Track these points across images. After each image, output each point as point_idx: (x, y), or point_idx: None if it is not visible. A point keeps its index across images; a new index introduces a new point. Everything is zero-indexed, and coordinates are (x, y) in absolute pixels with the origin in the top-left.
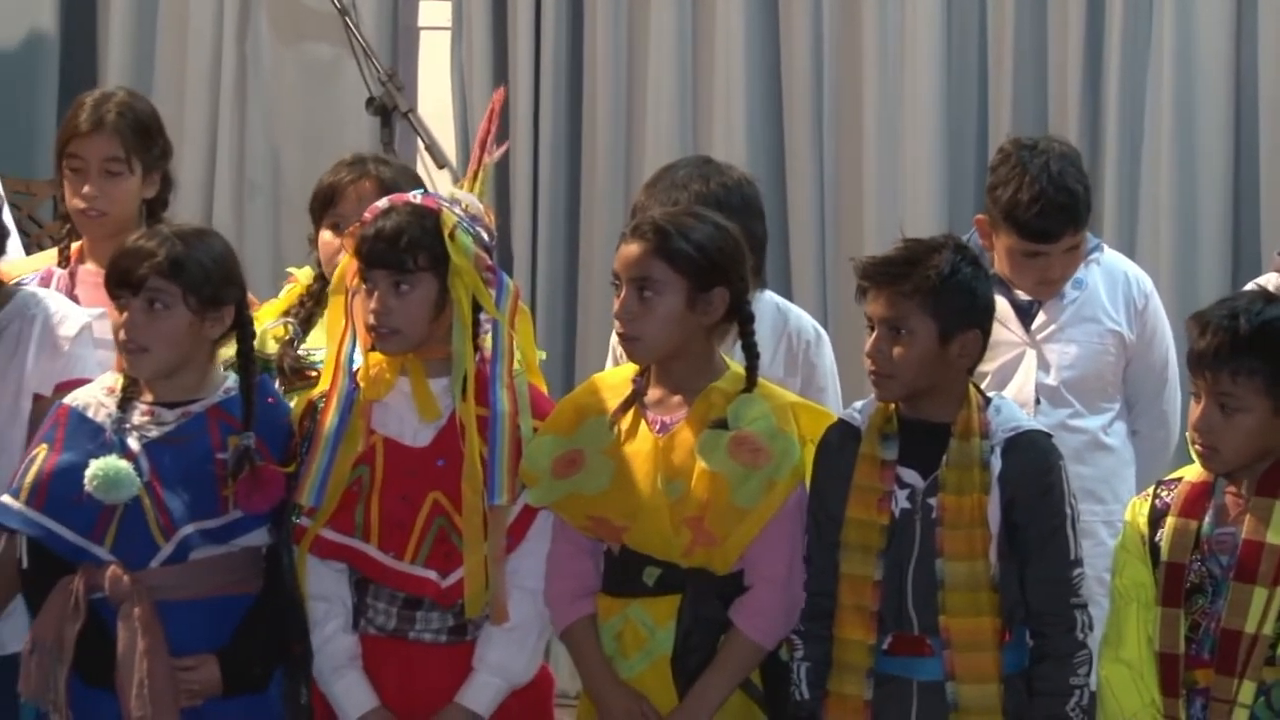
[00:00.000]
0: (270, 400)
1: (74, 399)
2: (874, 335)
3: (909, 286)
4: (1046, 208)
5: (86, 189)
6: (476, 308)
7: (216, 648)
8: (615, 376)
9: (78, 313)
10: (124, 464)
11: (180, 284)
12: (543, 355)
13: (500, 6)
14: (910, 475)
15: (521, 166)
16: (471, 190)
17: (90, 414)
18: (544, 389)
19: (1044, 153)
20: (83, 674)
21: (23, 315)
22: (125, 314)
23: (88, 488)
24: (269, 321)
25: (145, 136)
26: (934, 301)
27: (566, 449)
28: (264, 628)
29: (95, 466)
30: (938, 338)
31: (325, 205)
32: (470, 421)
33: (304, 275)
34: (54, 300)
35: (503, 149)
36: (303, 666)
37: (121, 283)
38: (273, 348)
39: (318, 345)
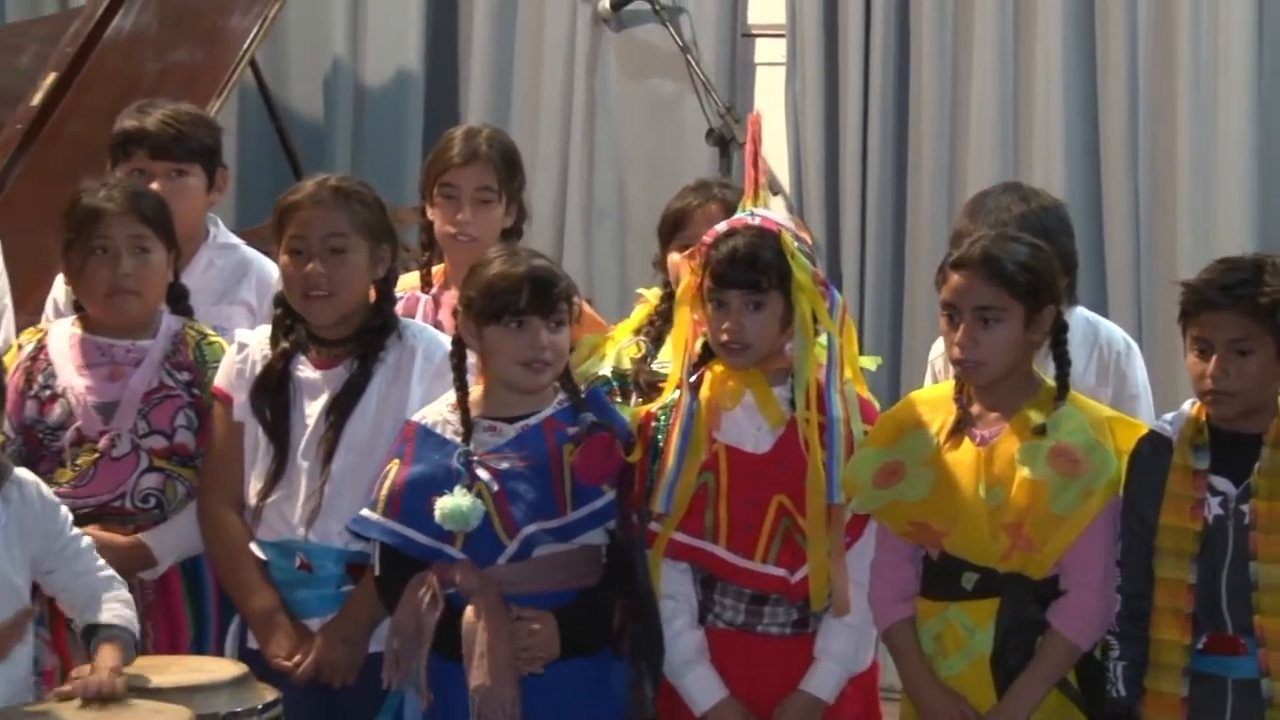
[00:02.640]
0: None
1: (421, 416)
2: (1215, 357)
3: (1251, 306)
4: None
5: (460, 216)
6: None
7: None
8: (932, 393)
9: (449, 343)
10: (466, 500)
11: (570, 305)
12: (879, 361)
13: (832, 44)
14: (1222, 483)
15: (851, 190)
16: (755, 205)
17: (437, 430)
18: (867, 395)
19: None
20: (439, 651)
21: (404, 343)
22: (541, 333)
23: (439, 521)
24: (623, 340)
25: (512, 168)
26: (1273, 320)
27: (887, 460)
28: (601, 597)
29: (443, 507)
30: (1276, 354)
31: (674, 228)
32: (812, 427)
33: (653, 295)
34: (429, 330)
35: (767, 168)
36: (654, 661)
37: (543, 305)
38: (627, 364)
39: (669, 360)
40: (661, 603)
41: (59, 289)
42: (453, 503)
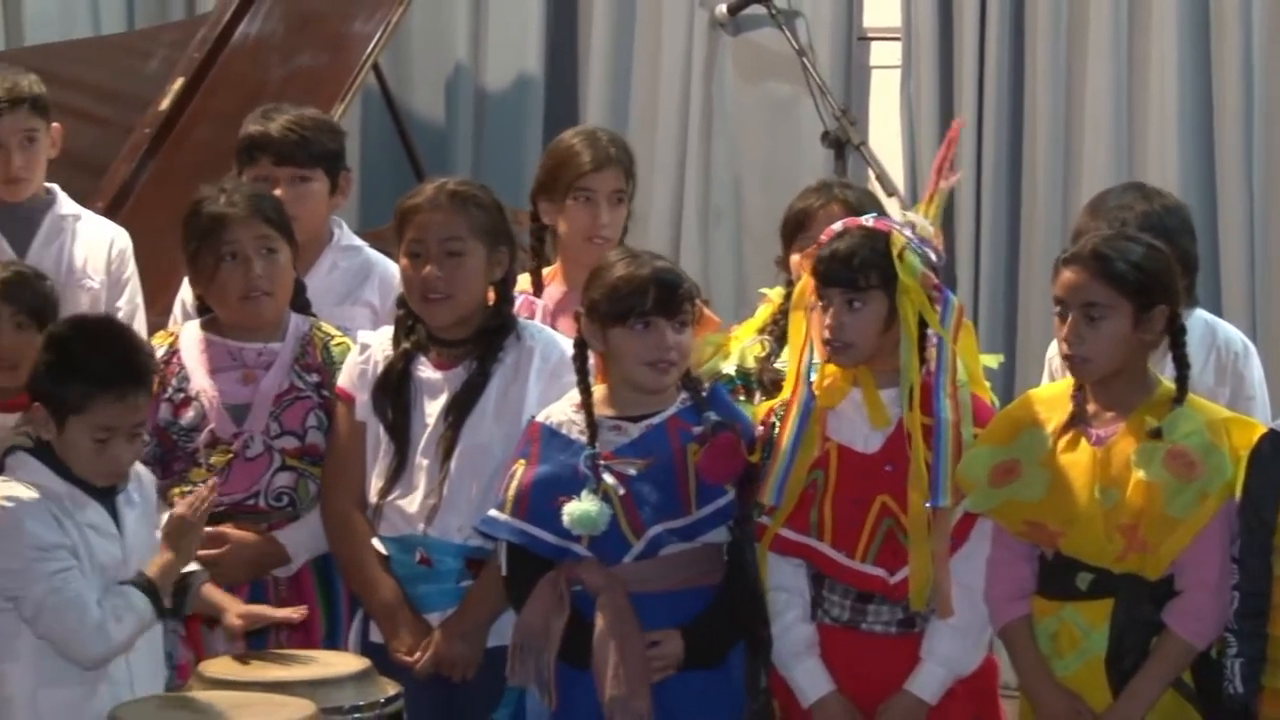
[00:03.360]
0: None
1: (546, 416)
2: None
3: None
4: None
5: (600, 219)
6: (924, 323)
7: None
8: (1049, 391)
9: (565, 343)
10: (595, 506)
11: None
12: (1001, 358)
13: (946, 47)
14: None
15: (965, 191)
16: (926, 213)
17: (562, 430)
18: (989, 399)
19: None
20: (565, 658)
21: (522, 344)
22: (666, 333)
23: (567, 526)
24: (747, 338)
25: (633, 170)
26: None
27: (1003, 459)
28: (724, 610)
29: (571, 513)
30: None
31: (796, 229)
32: (916, 429)
33: (776, 295)
34: (547, 330)
35: (956, 177)
36: (763, 651)
37: (667, 306)
38: (751, 363)
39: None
40: (773, 595)
41: (186, 291)
42: (581, 508)
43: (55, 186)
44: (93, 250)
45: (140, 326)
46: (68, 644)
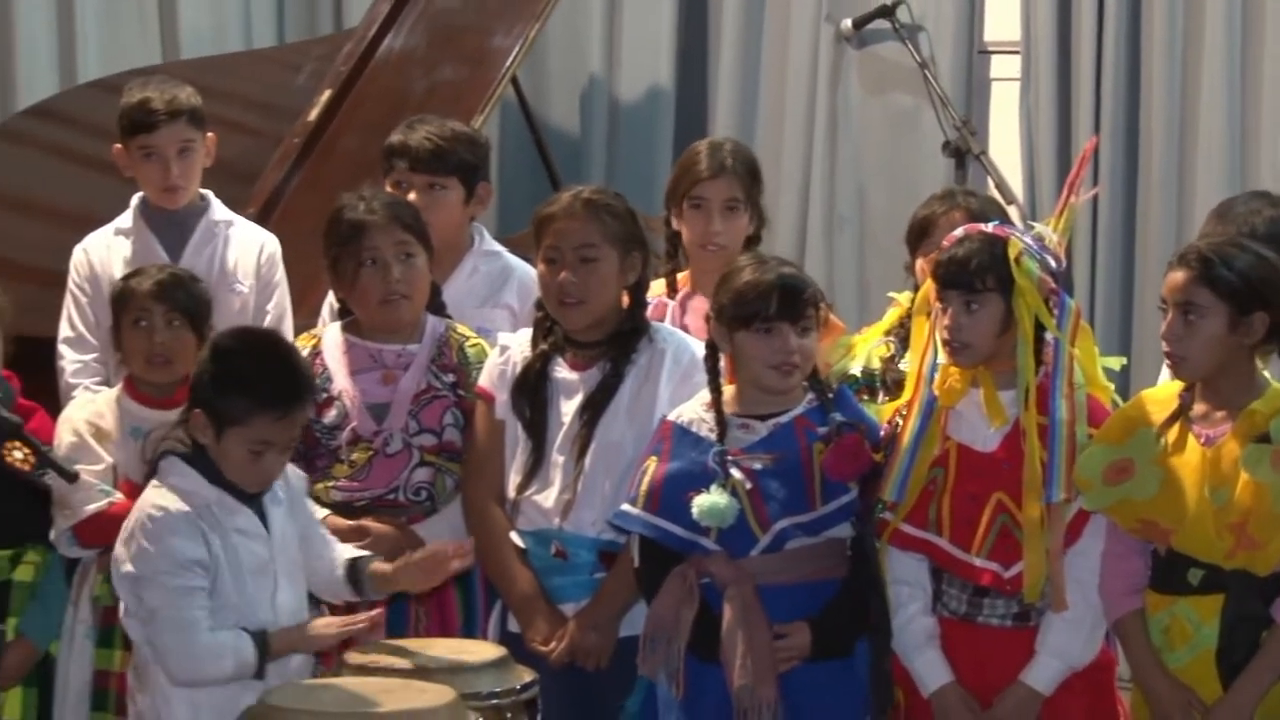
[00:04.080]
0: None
1: (677, 415)
2: None
3: None
4: None
5: (710, 226)
6: (1041, 326)
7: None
8: (1162, 392)
9: (696, 345)
10: (723, 499)
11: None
12: (1123, 361)
13: (1065, 60)
14: None
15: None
16: (1056, 226)
17: (693, 428)
18: (1108, 400)
19: None
20: (694, 650)
21: (654, 346)
22: (789, 338)
23: (696, 518)
24: (874, 340)
25: (754, 179)
26: None
27: (1117, 458)
28: (850, 603)
29: (700, 504)
30: None
31: (920, 235)
32: (1031, 427)
33: (904, 298)
34: (679, 333)
35: (1092, 192)
36: (885, 642)
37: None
38: (877, 364)
39: None
40: (894, 588)
41: (333, 295)
42: (709, 500)
43: (209, 193)
44: (244, 255)
45: (288, 329)
46: (164, 657)
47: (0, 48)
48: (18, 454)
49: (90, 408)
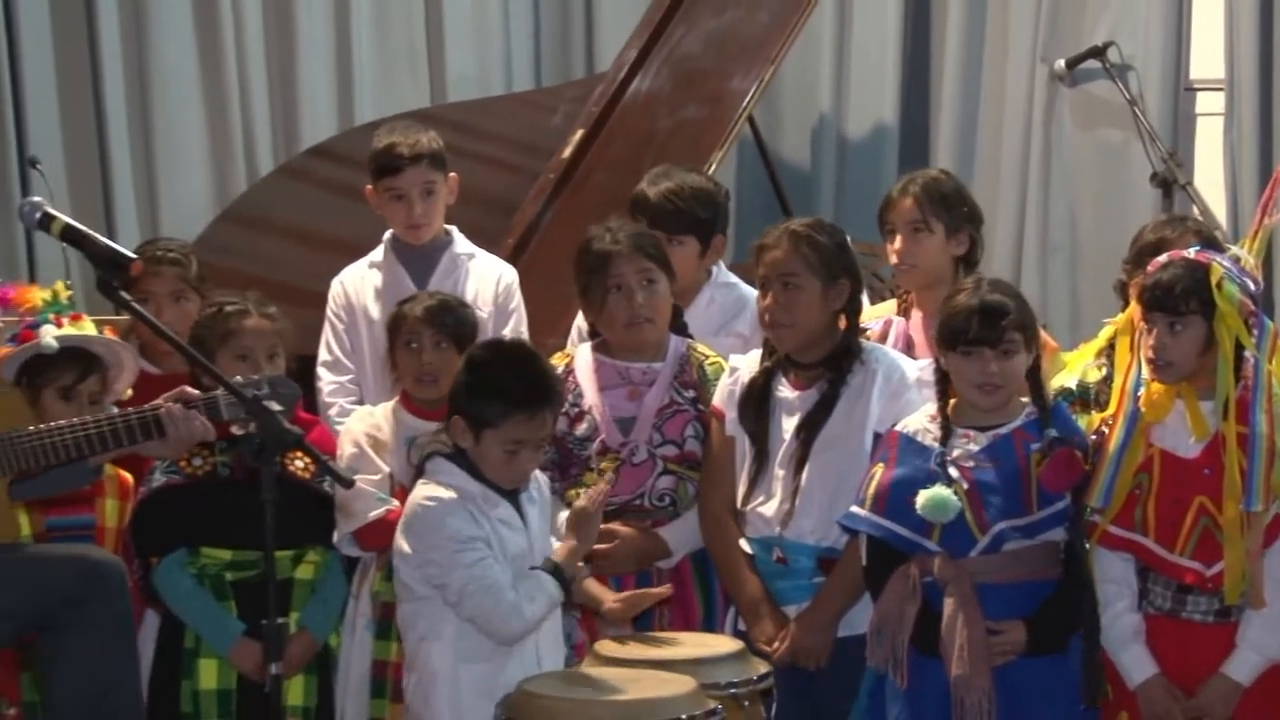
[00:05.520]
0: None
1: (903, 425)
2: None
3: None
4: None
5: (892, 246)
6: (1241, 345)
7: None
8: None
9: (910, 365)
10: (947, 492)
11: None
12: None
13: (1267, 97)
14: None
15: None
16: (1250, 248)
17: (918, 437)
18: None
19: None
20: (916, 644)
21: (866, 367)
22: (989, 362)
23: (919, 511)
24: (1087, 358)
25: (941, 203)
26: None
27: None
28: (1065, 602)
29: (924, 497)
30: None
31: (1154, 256)
32: (1231, 436)
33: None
34: (891, 354)
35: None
36: (1094, 637)
37: (990, 335)
38: (1092, 379)
39: None
40: (1102, 587)
41: (582, 318)
42: (932, 493)
43: (453, 228)
44: (483, 284)
45: None
46: (488, 623)
47: (284, 92)
48: (299, 463)
49: (369, 420)
